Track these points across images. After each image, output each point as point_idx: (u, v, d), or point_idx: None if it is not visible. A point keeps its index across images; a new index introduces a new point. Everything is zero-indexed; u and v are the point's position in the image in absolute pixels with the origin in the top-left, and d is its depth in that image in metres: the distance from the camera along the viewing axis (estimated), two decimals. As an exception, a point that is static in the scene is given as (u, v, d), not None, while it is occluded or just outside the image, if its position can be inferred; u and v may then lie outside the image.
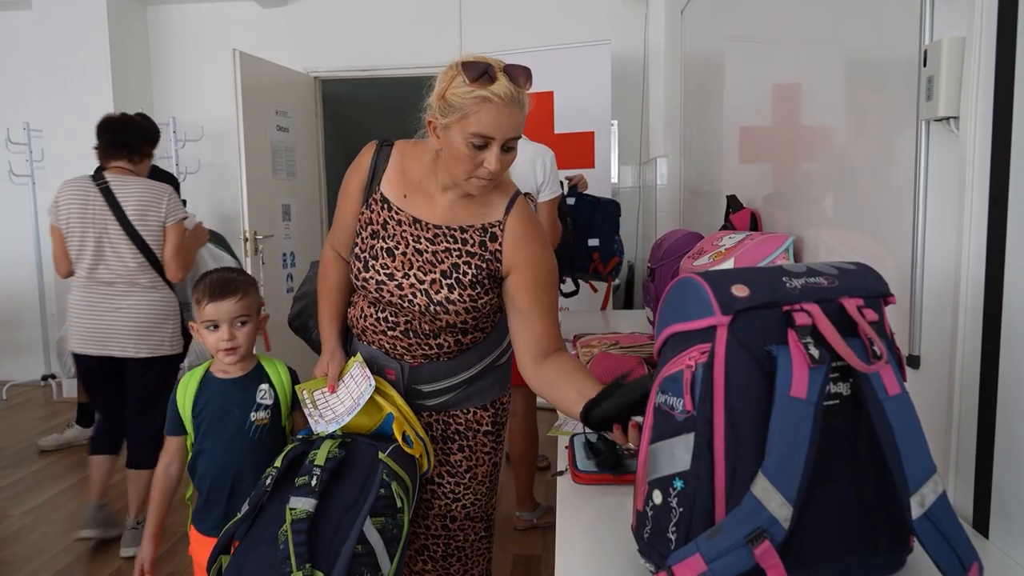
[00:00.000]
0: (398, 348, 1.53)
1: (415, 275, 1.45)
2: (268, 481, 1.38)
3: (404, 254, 1.46)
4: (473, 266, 1.44)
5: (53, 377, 5.18)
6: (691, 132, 3.41)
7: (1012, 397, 0.97)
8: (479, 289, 1.45)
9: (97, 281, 2.76)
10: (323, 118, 5.37)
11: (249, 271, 4.37)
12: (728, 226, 2.18)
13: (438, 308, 1.44)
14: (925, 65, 1.13)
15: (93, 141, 4.75)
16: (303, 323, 1.78)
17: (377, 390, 1.50)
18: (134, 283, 2.76)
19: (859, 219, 1.47)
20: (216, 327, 1.56)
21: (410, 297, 1.45)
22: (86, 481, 3.58)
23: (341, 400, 1.50)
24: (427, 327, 1.49)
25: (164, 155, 4.91)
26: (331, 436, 1.45)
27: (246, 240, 4.34)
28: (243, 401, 1.58)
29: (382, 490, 1.39)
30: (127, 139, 2.87)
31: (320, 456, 1.38)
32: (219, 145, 5.19)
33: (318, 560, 1.28)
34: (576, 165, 4.18)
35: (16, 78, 5.31)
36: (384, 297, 1.47)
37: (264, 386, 1.60)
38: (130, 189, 2.76)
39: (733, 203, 2.23)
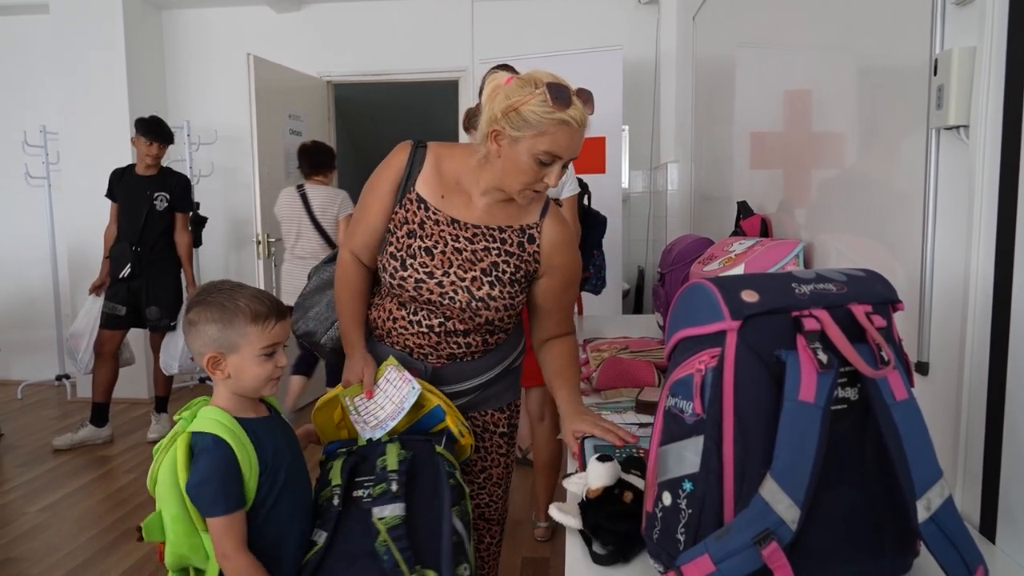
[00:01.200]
0: (425, 348, 1.54)
1: (455, 273, 1.47)
2: (337, 501, 1.36)
3: (443, 253, 1.48)
4: (512, 264, 1.49)
5: (67, 377, 5.23)
6: (702, 138, 3.42)
7: (1020, 403, 0.98)
8: (517, 287, 1.50)
9: (296, 256, 3.99)
10: (335, 122, 5.41)
11: (261, 273, 4.42)
12: (738, 232, 2.19)
13: (479, 304, 1.47)
14: (935, 74, 1.14)
15: (109, 143, 4.85)
16: (310, 330, 1.75)
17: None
18: (318, 258, 3.53)
19: (869, 226, 1.47)
20: (272, 353, 1.33)
21: (451, 294, 1.47)
22: (100, 479, 3.62)
23: (381, 405, 1.49)
24: (461, 326, 1.51)
25: (178, 158, 4.97)
26: (379, 441, 1.45)
27: (259, 243, 4.38)
28: (294, 441, 1.43)
29: (451, 480, 1.42)
30: (321, 160, 4.04)
31: (391, 461, 1.39)
32: (232, 148, 5.23)
33: (424, 560, 1.29)
34: (587, 170, 4.20)
35: (33, 81, 5.37)
36: (423, 295, 1.48)
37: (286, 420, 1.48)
38: (317, 194, 4.00)
39: (743, 209, 2.24)
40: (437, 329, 1.51)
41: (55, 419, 4.66)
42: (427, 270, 1.48)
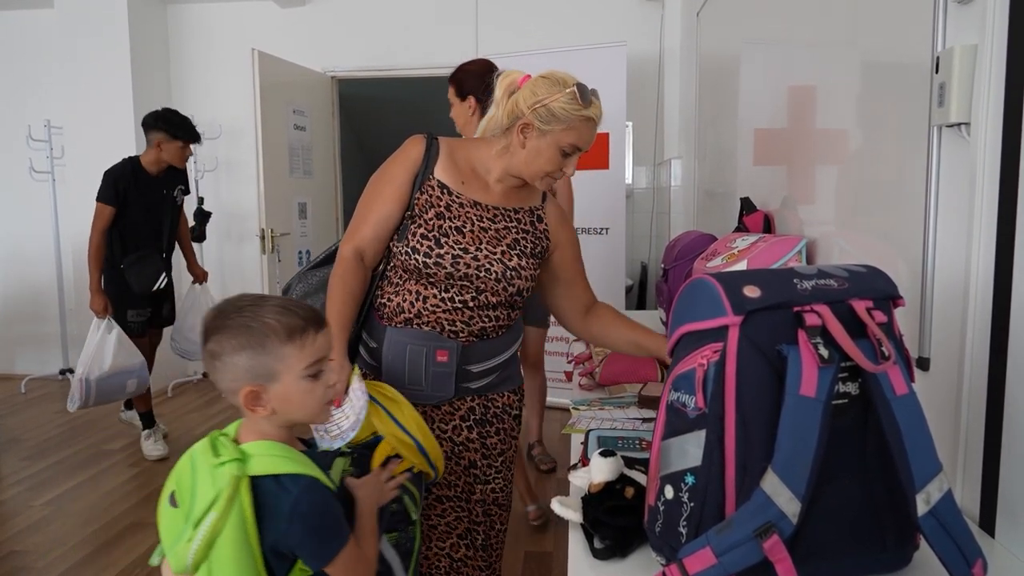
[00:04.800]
0: (457, 325, 1.57)
1: (486, 248, 1.57)
2: None
3: (472, 231, 1.57)
4: (530, 240, 1.63)
5: (71, 371, 5.25)
6: (706, 134, 3.43)
7: (1019, 399, 0.99)
8: (536, 260, 1.64)
9: None
10: (339, 117, 5.42)
11: (265, 268, 4.43)
12: (742, 228, 2.20)
13: (512, 274, 1.57)
14: (937, 71, 1.14)
15: (113, 137, 4.73)
16: None
17: (383, 402, 1.45)
18: None
19: (871, 222, 1.48)
20: (319, 372, 1.13)
21: (486, 266, 1.55)
22: (104, 473, 3.64)
23: (346, 415, 1.44)
24: (494, 298, 1.58)
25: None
26: (339, 453, 1.38)
27: (262, 238, 4.39)
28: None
29: (394, 505, 1.37)
30: None
31: (334, 477, 1.33)
32: (237, 143, 5.24)
33: None
34: (591, 166, 4.20)
35: (37, 76, 5.38)
36: (459, 270, 1.54)
37: None
38: None
39: (747, 205, 2.24)
40: (471, 304, 1.56)
41: (59, 413, 4.68)
42: (461, 246, 1.55)
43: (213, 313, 1.11)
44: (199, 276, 4.11)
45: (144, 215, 3.71)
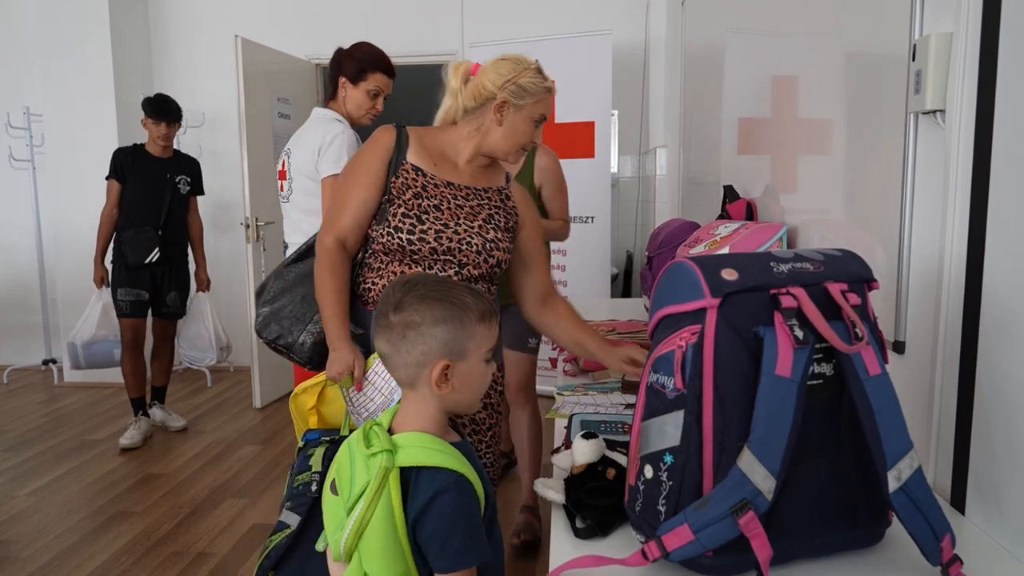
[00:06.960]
0: None
1: (464, 223, 1.63)
2: (315, 487, 1.36)
3: (449, 208, 1.64)
4: (501, 216, 1.70)
5: (54, 362, 5.22)
6: (691, 123, 3.44)
7: (989, 381, 1.01)
8: (510, 234, 1.70)
9: None
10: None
11: (250, 257, 4.41)
12: (725, 216, 2.22)
13: (492, 246, 1.64)
14: (914, 59, 1.16)
15: (95, 125, 4.65)
16: (285, 330, 1.74)
17: None
18: None
19: (850, 208, 1.50)
20: (490, 359, 1.12)
21: (467, 240, 1.62)
22: (88, 463, 3.63)
23: (371, 397, 1.53)
24: (476, 271, 1.63)
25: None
26: None
27: (247, 227, 4.37)
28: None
29: None
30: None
31: None
32: (220, 131, 5.21)
33: None
34: (576, 155, 4.22)
35: (17, 63, 5.31)
36: (443, 244, 1.60)
37: None
38: None
39: (730, 193, 2.26)
40: (455, 278, 1.60)
41: (42, 403, 4.65)
42: (442, 222, 1.62)
43: (406, 286, 1.09)
44: (202, 283, 4.13)
45: (142, 193, 3.87)
